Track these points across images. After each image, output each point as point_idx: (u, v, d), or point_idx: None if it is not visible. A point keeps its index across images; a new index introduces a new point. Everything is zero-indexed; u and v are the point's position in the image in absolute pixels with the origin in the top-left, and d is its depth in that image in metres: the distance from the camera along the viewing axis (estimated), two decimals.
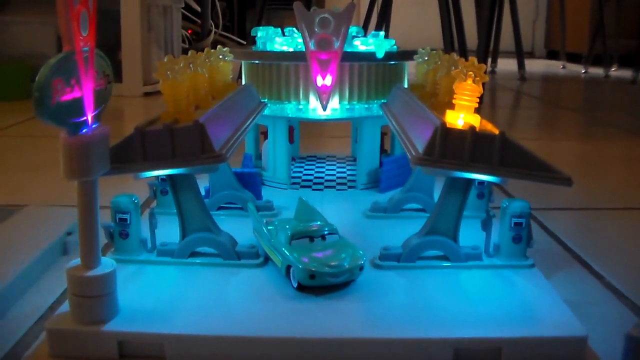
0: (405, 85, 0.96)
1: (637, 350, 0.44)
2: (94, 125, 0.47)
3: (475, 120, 0.60)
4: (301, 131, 1.14)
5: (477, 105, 0.60)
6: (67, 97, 0.45)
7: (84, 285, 0.51)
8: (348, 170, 1.04)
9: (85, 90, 0.46)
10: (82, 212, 0.50)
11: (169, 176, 0.63)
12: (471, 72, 0.59)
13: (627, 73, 3.05)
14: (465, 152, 0.56)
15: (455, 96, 0.61)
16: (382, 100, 0.92)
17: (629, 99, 2.49)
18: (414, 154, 0.58)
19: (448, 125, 0.56)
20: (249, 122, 0.74)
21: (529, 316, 0.55)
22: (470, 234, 0.68)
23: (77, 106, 0.46)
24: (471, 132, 0.55)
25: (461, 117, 0.61)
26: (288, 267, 0.60)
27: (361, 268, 0.60)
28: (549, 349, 0.51)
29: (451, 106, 0.62)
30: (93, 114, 0.47)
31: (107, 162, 0.49)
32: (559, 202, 0.95)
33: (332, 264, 0.59)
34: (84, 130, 0.47)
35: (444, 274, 0.64)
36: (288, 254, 0.60)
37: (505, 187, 0.97)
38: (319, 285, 0.59)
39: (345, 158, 1.13)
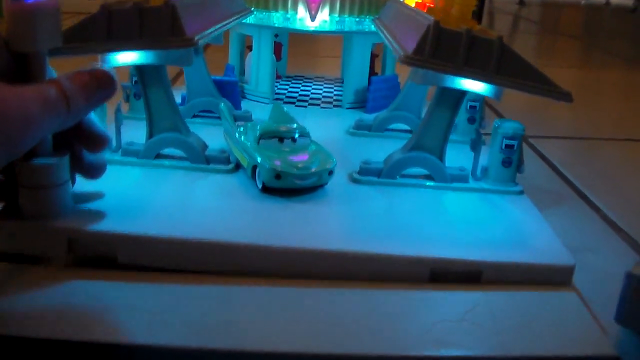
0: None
1: (637, 289, 0.41)
2: None
3: (472, 23, 0.55)
4: (291, 49, 1.08)
5: (474, 7, 0.55)
6: None
7: (32, 174, 0.46)
8: (335, 90, 0.99)
9: None
10: None
11: (138, 68, 0.58)
12: None
13: (628, 1, 2.99)
14: (460, 54, 0.51)
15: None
16: (375, 16, 0.86)
17: (629, 27, 2.43)
18: (401, 53, 0.53)
19: (442, 24, 0.51)
20: (227, 21, 0.68)
21: (513, 241, 0.51)
22: (458, 158, 0.64)
23: None
24: (467, 34, 0.50)
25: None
26: (254, 168, 0.56)
27: (330, 172, 0.57)
28: (533, 275, 0.48)
29: (447, 15, 0.57)
30: None
31: (57, 36, 0.44)
32: (556, 130, 0.92)
33: (300, 165, 0.55)
34: None
35: (427, 194, 0.60)
36: (255, 153, 0.56)
37: (499, 111, 0.93)
38: (285, 188, 0.55)
39: (334, 80, 1.08)
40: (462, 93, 0.57)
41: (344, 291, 0.46)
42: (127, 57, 0.54)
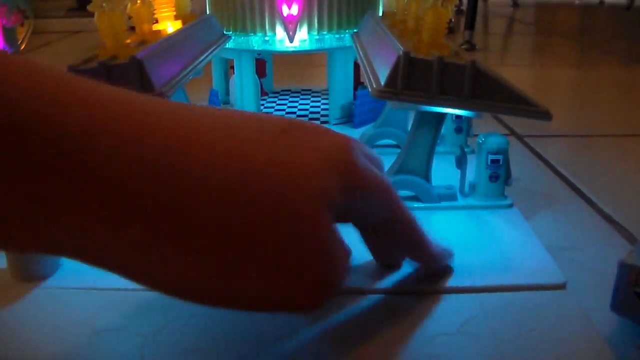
0: (380, 14, 0.89)
1: (629, 278, 0.42)
2: None
3: (444, 48, 0.54)
4: (277, 62, 1.08)
5: (446, 31, 0.54)
6: None
7: None
8: (322, 104, 0.99)
9: None
10: None
11: None
12: None
13: None
14: (433, 83, 0.51)
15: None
16: (354, 30, 0.86)
17: (624, 25, 2.43)
18: (374, 85, 0.53)
19: (413, 54, 0.50)
20: (204, 56, 0.68)
21: (503, 261, 0.51)
22: (446, 172, 0.64)
23: None
24: (438, 61, 0.50)
25: None
26: None
27: None
28: (525, 295, 0.47)
29: (419, 33, 0.57)
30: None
31: None
32: (553, 129, 0.92)
33: None
34: None
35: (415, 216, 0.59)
36: None
37: (499, 115, 0.94)
38: None
39: (321, 91, 1.07)
40: (442, 114, 0.57)
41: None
42: None
